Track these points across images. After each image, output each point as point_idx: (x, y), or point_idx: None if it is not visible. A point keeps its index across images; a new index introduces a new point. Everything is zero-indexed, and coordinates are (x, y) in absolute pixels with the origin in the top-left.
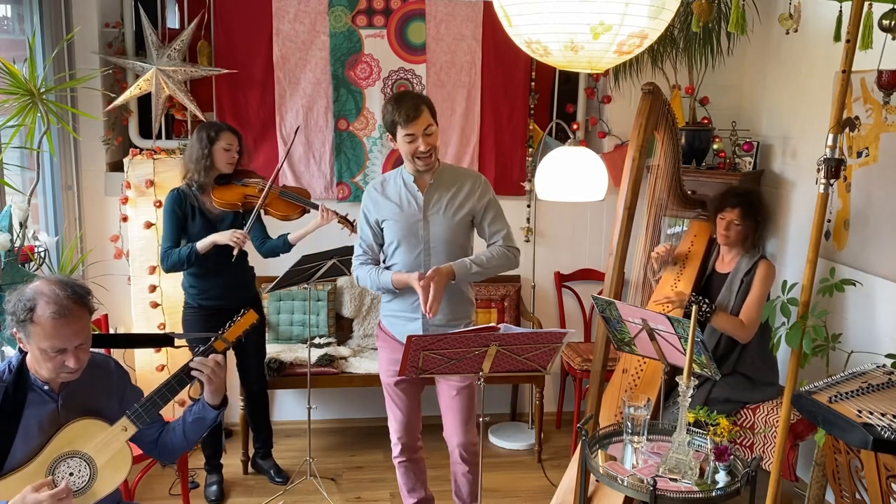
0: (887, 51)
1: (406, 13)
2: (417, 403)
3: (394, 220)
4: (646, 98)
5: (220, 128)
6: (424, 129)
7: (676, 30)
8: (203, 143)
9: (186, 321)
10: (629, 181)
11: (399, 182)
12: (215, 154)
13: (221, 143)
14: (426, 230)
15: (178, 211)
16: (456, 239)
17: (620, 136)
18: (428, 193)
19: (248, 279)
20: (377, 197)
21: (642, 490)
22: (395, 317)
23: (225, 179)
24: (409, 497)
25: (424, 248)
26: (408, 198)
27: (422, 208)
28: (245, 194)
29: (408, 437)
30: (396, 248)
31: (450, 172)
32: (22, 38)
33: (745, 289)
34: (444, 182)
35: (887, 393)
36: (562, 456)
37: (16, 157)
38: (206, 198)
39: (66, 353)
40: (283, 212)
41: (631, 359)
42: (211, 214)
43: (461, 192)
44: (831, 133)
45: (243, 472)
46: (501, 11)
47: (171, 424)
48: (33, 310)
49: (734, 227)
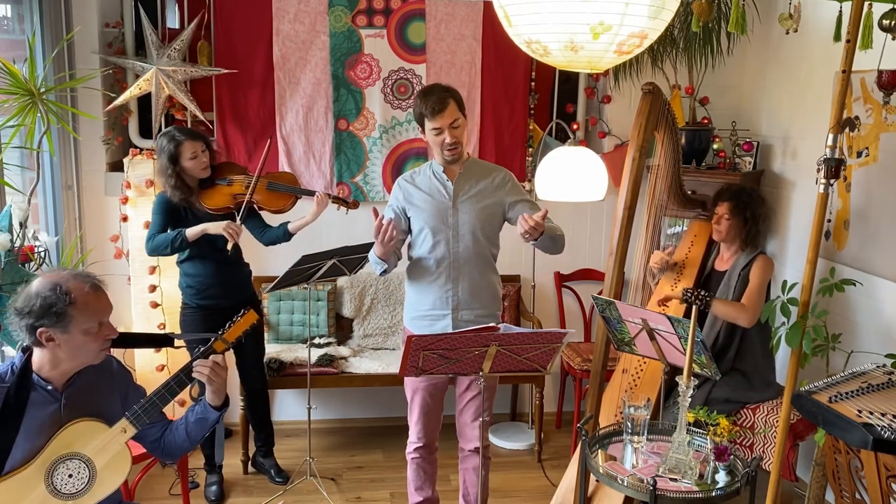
0: (887, 51)
1: (406, 13)
2: (441, 402)
3: (423, 207)
4: (646, 98)
5: (178, 141)
6: (451, 123)
7: (676, 30)
8: (168, 164)
9: (184, 321)
10: (629, 181)
11: (429, 173)
12: (185, 168)
13: (186, 156)
14: (455, 217)
15: (169, 209)
16: (483, 227)
17: (620, 136)
18: (458, 182)
19: (244, 278)
20: (406, 186)
21: (642, 490)
22: (423, 317)
23: (208, 182)
24: (415, 494)
25: (453, 234)
26: (438, 187)
27: (452, 196)
28: (233, 194)
29: (428, 437)
30: (424, 237)
31: (478, 165)
32: (22, 38)
33: (741, 283)
34: (473, 173)
35: (887, 393)
36: (562, 456)
37: (16, 157)
38: (195, 199)
39: (106, 326)
40: (276, 205)
41: (631, 359)
42: (203, 215)
43: (491, 184)
44: (831, 133)
45: (243, 472)
46: (501, 11)
47: (174, 424)
48: (69, 293)
49: (724, 221)
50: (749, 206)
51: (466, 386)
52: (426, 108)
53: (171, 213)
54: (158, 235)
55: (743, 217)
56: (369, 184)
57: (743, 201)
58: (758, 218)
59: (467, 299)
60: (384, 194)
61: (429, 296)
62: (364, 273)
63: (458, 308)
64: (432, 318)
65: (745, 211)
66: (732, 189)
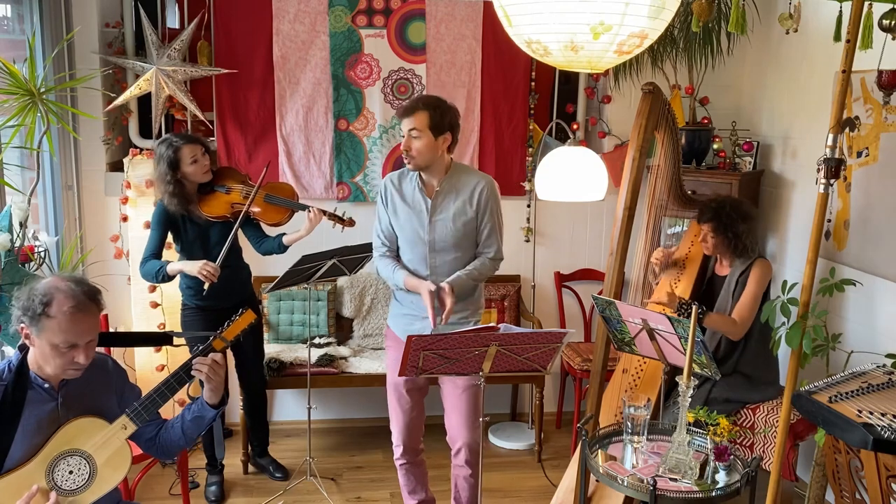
0: (887, 51)
1: (406, 13)
2: (421, 407)
3: (403, 217)
4: (646, 98)
5: (177, 146)
6: (410, 129)
7: (676, 30)
8: (167, 171)
9: (185, 322)
10: (629, 181)
11: (415, 181)
12: (186, 173)
13: (186, 161)
14: (432, 234)
15: (166, 223)
16: (459, 242)
17: (620, 136)
18: (435, 199)
19: (243, 278)
20: (392, 190)
21: (642, 490)
22: (403, 316)
23: (207, 188)
24: (409, 498)
25: (430, 248)
26: (418, 199)
27: (428, 212)
28: (231, 203)
29: (410, 441)
30: (403, 242)
31: (458, 177)
32: (22, 38)
33: (741, 288)
34: (452, 186)
35: (887, 393)
36: (562, 456)
37: (16, 157)
38: (193, 207)
39: (77, 349)
40: (273, 219)
41: (631, 359)
42: (200, 220)
43: (465, 201)
44: (831, 133)
45: (243, 471)
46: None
47: (170, 422)
48: (49, 304)
49: (710, 239)
50: (730, 225)
51: (452, 387)
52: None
53: (169, 224)
54: (147, 263)
55: (725, 236)
56: (369, 184)
57: (723, 222)
58: (740, 235)
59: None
60: None
61: (408, 297)
62: (364, 273)
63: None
64: (411, 317)
65: (726, 231)
66: (713, 207)
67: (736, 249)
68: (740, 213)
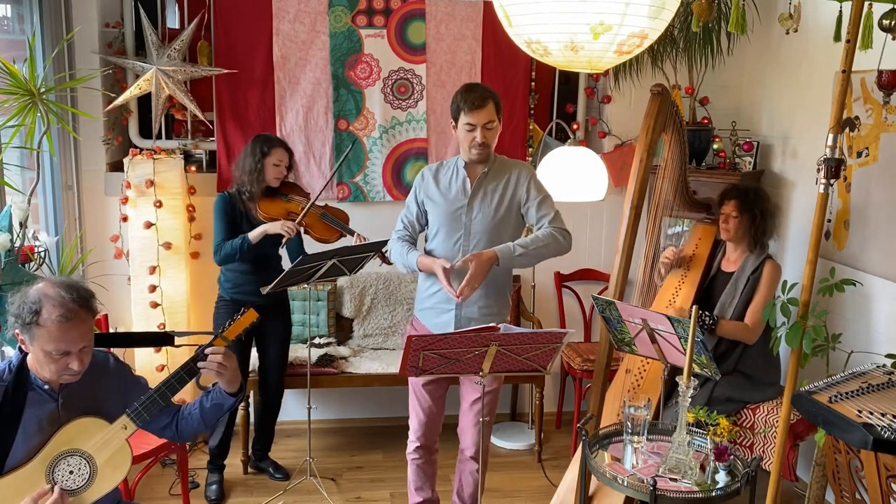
0: (887, 51)
1: (406, 13)
2: (442, 404)
3: (439, 203)
4: (654, 99)
5: (273, 144)
6: (485, 123)
7: (676, 30)
8: (256, 156)
9: (217, 314)
10: (636, 181)
11: (453, 168)
12: (266, 168)
13: (272, 159)
14: (468, 217)
15: (229, 211)
16: (497, 231)
17: (620, 136)
18: (478, 183)
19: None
20: (428, 178)
21: (642, 490)
22: (430, 308)
23: (271, 192)
24: (415, 495)
25: (465, 234)
26: (457, 185)
27: (468, 196)
28: (288, 210)
29: (427, 438)
30: (437, 232)
31: (500, 165)
32: (22, 38)
33: (749, 288)
34: (494, 174)
35: (887, 393)
36: (562, 456)
37: (16, 157)
38: (253, 206)
39: (70, 356)
40: (322, 234)
41: (634, 359)
42: (256, 221)
43: (508, 184)
44: (831, 133)
45: (243, 471)
46: (501, 11)
47: (186, 409)
48: (38, 313)
49: (732, 219)
50: (756, 202)
51: (471, 387)
52: (465, 102)
53: (230, 215)
54: (225, 244)
55: (751, 214)
56: (369, 184)
57: (750, 198)
58: (766, 214)
59: (473, 297)
60: (384, 194)
61: (436, 289)
62: (364, 273)
63: (461, 304)
64: (438, 310)
65: (752, 208)
66: (738, 187)
67: (757, 232)
68: (764, 194)
